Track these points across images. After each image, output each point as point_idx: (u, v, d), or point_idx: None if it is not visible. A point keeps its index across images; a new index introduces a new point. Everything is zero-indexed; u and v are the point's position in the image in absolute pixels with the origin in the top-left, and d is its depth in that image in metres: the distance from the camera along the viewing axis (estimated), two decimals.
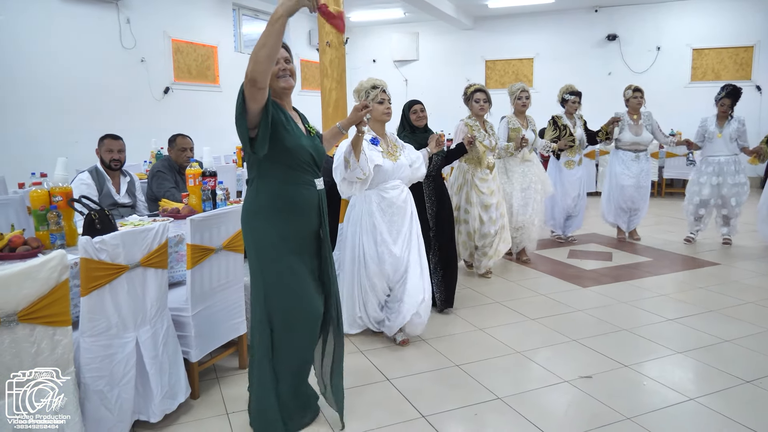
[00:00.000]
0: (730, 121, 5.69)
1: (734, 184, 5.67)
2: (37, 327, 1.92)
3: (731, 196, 5.68)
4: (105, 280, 2.28)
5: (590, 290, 4.51)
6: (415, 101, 3.99)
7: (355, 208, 3.40)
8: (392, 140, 3.44)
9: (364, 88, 3.35)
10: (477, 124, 4.52)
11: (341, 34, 5.83)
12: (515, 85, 5.16)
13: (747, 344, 3.38)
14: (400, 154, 3.39)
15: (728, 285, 4.57)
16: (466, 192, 4.56)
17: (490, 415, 2.64)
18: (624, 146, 5.91)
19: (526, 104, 5.06)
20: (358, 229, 3.35)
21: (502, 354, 3.31)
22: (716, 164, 5.71)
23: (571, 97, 5.64)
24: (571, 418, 2.60)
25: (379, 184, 3.29)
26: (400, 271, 3.34)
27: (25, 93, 6.28)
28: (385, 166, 3.25)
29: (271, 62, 2.00)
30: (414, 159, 3.49)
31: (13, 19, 6.12)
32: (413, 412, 2.66)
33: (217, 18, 9.08)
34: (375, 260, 3.31)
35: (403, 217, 3.35)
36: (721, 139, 5.67)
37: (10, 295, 1.81)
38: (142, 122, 7.45)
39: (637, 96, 5.77)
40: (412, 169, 3.44)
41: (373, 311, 3.43)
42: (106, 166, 3.92)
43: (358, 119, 2.69)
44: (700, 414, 2.61)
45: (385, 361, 3.22)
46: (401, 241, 3.33)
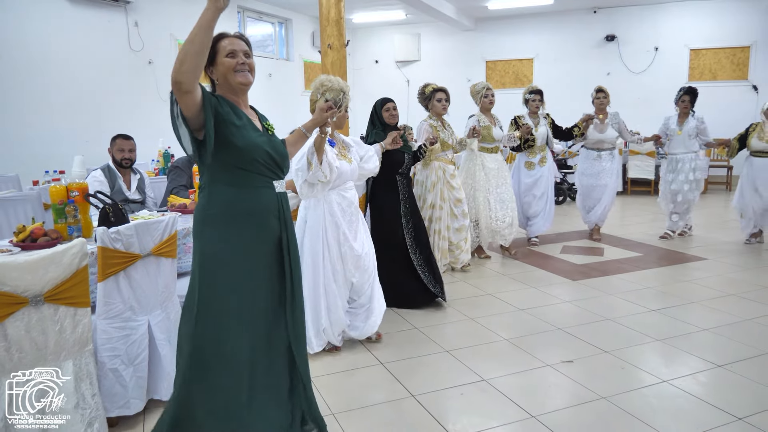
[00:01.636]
0: (689, 119, 5.94)
1: (686, 180, 5.96)
2: (61, 307, 2.13)
3: (680, 192, 6.01)
4: (120, 267, 2.49)
5: (579, 283, 4.70)
6: (388, 99, 4.06)
7: (312, 212, 3.26)
8: (341, 142, 3.39)
9: (327, 89, 3.16)
10: (439, 123, 4.67)
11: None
12: (479, 84, 5.27)
13: (723, 332, 3.57)
14: (350, 156, 3.34)
15: (712, 278, 4.75)
16: (440, 189, 4.67)
17: (476, 394, 2.84)
18: (588, 145, 6.11)
19: (492, 101, 5.20)
20: (321, 233, 3.23)
21: (491, 341, 3.51)
22: (674, 161, 6.05)
23: (531, 96, 5.74)
24: (551, 397, 2.79)
25: (340, 185, 3.25)
26: (362, 268, 3.34)
27: (37, 94, 6.50)
28: (342, 168, 3.19)
29: (200, 61, 1.81)
30: (362, 154, 3.48)
31: (25, 22, 6.35)
32: (403, 391, 2.86)
33: (222, 20, 9.18)
34: (339, 260, 3.26)
35: (358, 216, 3.37)
36: (681, 137, 5.94)
37: (37, 277, 2.03)
38: (150, 122, 7.66)
39: (600, 96, 5.97)
40: (361, 164, 3.43)
41: (337, 318, 3.29)
42: (118, 165, 4.13)
43: (323, 120, 2.53)
44: (673, 395, 2.80)
45: (377, 346, 3.43)
46: (359, 239, 3.34)
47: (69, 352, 2.18)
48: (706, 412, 2.63)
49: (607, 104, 6.00)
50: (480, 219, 5.25)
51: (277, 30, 10.90)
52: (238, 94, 2.13)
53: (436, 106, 4.63)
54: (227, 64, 2.06)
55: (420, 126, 4.69)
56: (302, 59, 11.19)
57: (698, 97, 5.98)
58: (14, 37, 6.23)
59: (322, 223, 3.23)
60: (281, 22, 10.90)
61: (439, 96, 4.61)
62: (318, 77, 3.23)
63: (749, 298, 4.22)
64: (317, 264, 3.24)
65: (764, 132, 5.69)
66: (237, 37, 2.14)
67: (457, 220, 4.75)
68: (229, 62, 2.07)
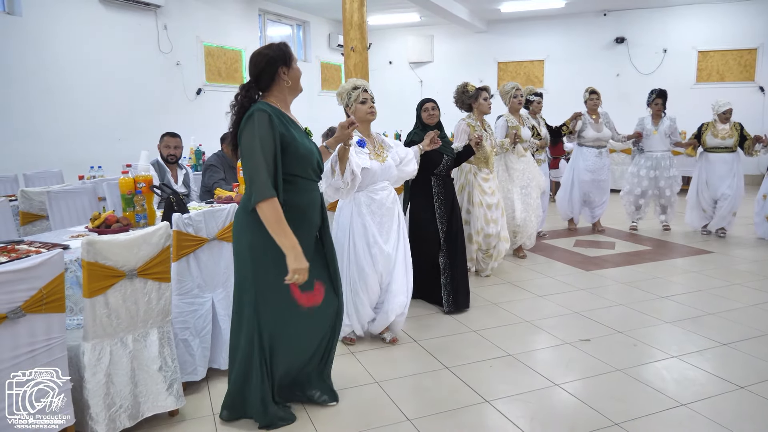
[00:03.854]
0: (663, 120, 6.36)
1: (669, 177, 6.39)
2: (149, 281, 2.45)
3: (666, 187, 6.43)
4: (190, 249, 2.82)
5: (593, 273, 5.00)
6: (428, 99, 4.07)
7: (343, 212, 3.32)
8: (378, 141, 3.37)
9: (345, 90, 3.28)
10: (478, 123, 4.61)
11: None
12: (508, 84, 5.33)
13: (727, 316, 3.86)
14: (387, 155, 3.33)
15: (719, 269, 5.04)
16: (468, 192, 4.60)
17: (503, 367, 3.15)
18: (587, 143, 6.40)
19: (521, 102, 5.30)
20: (348, 233, 3.27)
21: (514, 322, 3.82)
22: (653, 159, 6.44)
23: (535, 98, 5.94)
24: (571, 370, 3.10)
25: (368, 186, 3.23)
26: (388, 268, 3.34)
27: (72, 94, 6.83)
28: (373, 168, 3.17)
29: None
30: (402, 156, 3.45)
31: (61, 25, 6.68)
32: (438, 364, 3.18)
33: (244, 23, 9.62)
34: (369, 262, 3.26)
35: (392, 218, 3.33)
36: (657, 136, 6.36)
37: (132, 254, 2.35)
38: (178, 121, 7.99)
39: (593, 98, 6.31)
40: (399, 168, 3.41)
41: (365, 314, 3.36)
42: (165, 160, 4.47)
43: (345, 137, 2.69)
44: (681, 368, 3.10)
45: (413, 325, 3.74)
46: (392, 241, 3.32)
47: (154, 321, 2.51)
48: (712, 382, 2.93)
49: (599, 105, 6.32)
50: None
51: (296, 32, 11.23)
52: (291, 99, 2.47)
53: (482, 104, 4.56)
54: (300, 72, 2.45)
55: (458, 126, 4.64)
56: (319, 60, 11.51)
57: (668, 98, 6.46)
58: (50, 39, 6.57)
59: (349, 224, 3.26)
60: (299, 25, 11.23)
61: (485, 95, 4.55)
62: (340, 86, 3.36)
63: (753, 287, 4.51)
64: (345, 263, 3.26)
65: (717, 130, 6.17)
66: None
67: (488, 225, 4.62)
68: (300, 70, 2.46)
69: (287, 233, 2.21)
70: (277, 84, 2.40)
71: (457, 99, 4.68)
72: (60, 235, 3.16)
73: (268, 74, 2.37)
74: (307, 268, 2.24)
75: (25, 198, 4.06)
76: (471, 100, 4.60)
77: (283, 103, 2.42)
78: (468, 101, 4.62)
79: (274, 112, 2.30)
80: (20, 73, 6.25)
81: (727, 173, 6.16)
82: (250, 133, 2.24)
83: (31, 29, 6.36)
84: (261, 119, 2.23)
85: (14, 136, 6.21)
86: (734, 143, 6.10)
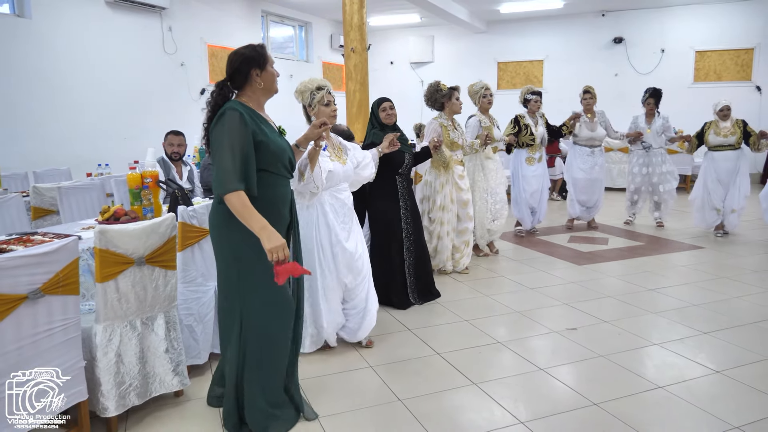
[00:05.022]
0: (656, 118, 6.53)
1: (662, 173, 6.56)
2: (156, 268, 2.62)
3: (660, 183, 6.61)
4: (194, 240, 2.99)
5: (583, 267, 5.15)
6: (384, 99, 3.99)
7: (305, 212, 3.20)
8: (337, 143, 3.33)
9: (308, 89, 3.15)
10: (450, 123, 4.66)
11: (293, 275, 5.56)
12: (477, 84, 5.29)
13: (711, 308, 4.01)
14: (346, 157, 3.29)
15: (707, 264, 5.18)
16: (449, 191, 4.65)
17: (492, 353, 3.31)
18: (581, 142, 6.54)
19: (491, 101, 5.27)
20: (314, 233, 3.19)
21: (505, 313, 3.98)
22: (646, 156, 6.63)
23: (533, 96, 6.05)
24: (557, 355, 3.26)
25: (332, 187, 3.20)
26: (356, 270, 3.30)
27: (80, 94, 7.03)
28: (335, 170, 3.14)
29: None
30: (359, 160, 3.41)
31: (69, 26, 6.87)
32: (429, 350, 3.34)
33: (247, 24, 9.80)
34: (332, 260, 3.23)
35: (352, 218, 3.32)
36: (650, 134, 6.51)
37: (141, 243, 2.52)
38: (182, 120, 8.17)
39: (587, 97, 6.41)
40: (356, 171, 3.37)
41: (336, 315, 3.31)
42: (169, 157, 4.64)
43: (316, 136, 2.70)
44: (662, 354, 3.25)
45: (405, 315, 3.90)
46: (352, 239, 3.29)
47: (161, 306, 2.67)
48: (689, 366, 3.08)
49: (593, 104, 6.43)
50: (476, 219, 5.20)
51: (298, 33, 11.41)
52: (265, 100, 2.50)
53: (455, 104, 4.63)
54: (275, 74, 2.47)
55: (429, 125, 4.66)
56: (321, 60, 11.69)
57: (662, 97, 6.62)
58: (58, 41, 6.76)
59: (315, 224, 3.19)
60: (301, 25, 11.41)
61: (457, 94, 4.62)
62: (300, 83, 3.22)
63: (739, 280, 4.65)
64: (312, 265, 3.19)
65: (719, 128, 6.22)
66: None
67: (461, 222, 4.74)
68: (275, 73, 2.48)
69: (255, 216, 2.24)
70: (250, 84, 2.42)
71: (429, 97, 4.68)
72: (71, 227, 3.34)
73: (241, 74, 2.40)
74: (283, 244, 2.23)
75: (36, 194, 4.24)
76: (444, 99, 4.64)
77: (256, 102, 2.45)
78: (441, 100, 4.65)
79: (246, 111, 2.34)
80: (29, 73, 6.44)
81: (732, 170, 6.20)
82: (221, 130, 2.28)
83: (40, 31, 6.55)
84: (232, 117, 2.27)
85: (24, 135, 6.41)
86: (737, 140, 6.14)
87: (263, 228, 2.23)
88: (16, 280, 2.00)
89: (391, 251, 4.01)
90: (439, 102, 4.68)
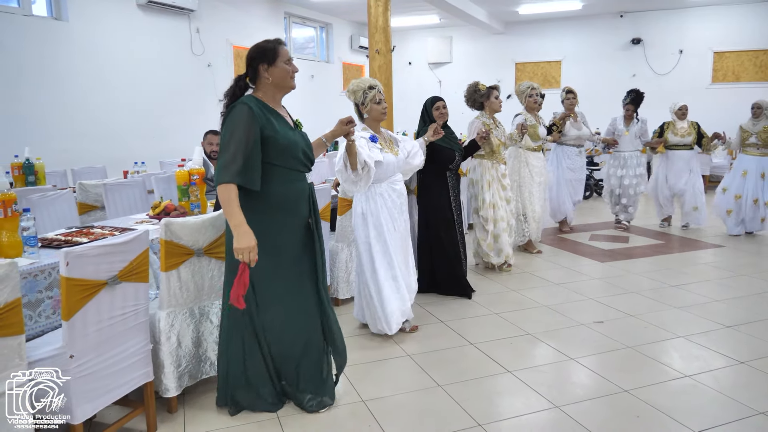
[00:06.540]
0: (634, 122, 6.61)
1: (635, 175, 6.64)
2: (212, 259, 2.80)
3: (630, 186, 6.71)
4: None
5: (607, 264, 5.28)
6: (438, 98, 4.17)
7: (372, 204, 3.38)
8: (388, 137, 3.50)
9: (360, 88, 3.32)
10: (491, 121, 4.78)
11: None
12: (523, 84, 5.48)
13: (734, 303, 4.13)
14: (397, 149, 3.49)
15: (727, 261, 5.29)
16: (497, 188, 4.76)
17: (523, 344, 3.46)
18: (569, 141, 6.52)
19: (537, 101, 5.43)
20: (383, 223, 3.37)
21: (532, 307, 4.12)
22: (622, 158, 6.73)
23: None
24: (586, 347, 3.40)
25: (388, 177, 3.38)
26: (404, 251, 3.53)
27: (114, 95, 7.24)
28: (388, 161, 3.30)
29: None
30: (409, 149, 3.60)
31: (101, 28, 7.08)
32: (463, 340, 3.49)
33: (270, 25, 10.00)
34: (393, 247, 3.41)
35: (402, 206, 3.51)
36: (628, 137, 6.61)
37: (200, 235, 2.70)
38: (209, 120, 8.37)
39: (570, 97, 6.35)
40: (406, 161, 3.57)
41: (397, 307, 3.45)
42: (208, 156, 4.83)
43: (343, 132, 2.78)
44: (687, 347, 3.38)
45: (438, 309, 4.06)
46: (406, 227, 3.55)
47: (216, 294, 2.85)
48: (714, 358, 3.21)
49: (576, 104, 6.38)
50: (527, 214, 5.45)
51: (319, 34, 11.59)
52: (280, 95, 2.52)
53: (494, 103, 4.70)
54: (287, 70, 2.48)
55: (472, 124, 4.77)
56: (341, 61, 11.87)
57: (643, 99, 6.64)
58: (94, 43, 6.98)
59: (383, 214, 3.37)
60: (322, 27, 11.59)
61: (496, 93, 4.72)
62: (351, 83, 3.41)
63: (760, 278, 4.76)
64: (387, 253, 3.38)
65: (676, 128, 6.57)
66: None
67: (502, 221, 4.81)
68: (289, 68, 2.49)
69: (234, 213, 2.29)
70: (259, 79, 2.47)
71: (469, 98, 4.82)
72: (124, 221, 3.53)
73: (251, 69, 2.47)
74: (253, 246, 2.27)
75: (82, 190, 4.44)
76: (483, 98, 4.75)
77: (270, 97, 2.48)
78: (480, 100, 4.77)
79: (258, 105, 2.38)
80: (66, 74, 6.67)
81: (684, 169, 6.54)
82: (228, 124, 2.36)
83: (77, 34, 6.77)
84: (240, 111, 2.33)
85: (62, 134, 6.63)
86: (693, 141, 6.51)
87: (238, 225, 2.29)
88: (98, 267, 2.19)
89: (443, 242, 4.20)
90: (478, 102, 4.80)
